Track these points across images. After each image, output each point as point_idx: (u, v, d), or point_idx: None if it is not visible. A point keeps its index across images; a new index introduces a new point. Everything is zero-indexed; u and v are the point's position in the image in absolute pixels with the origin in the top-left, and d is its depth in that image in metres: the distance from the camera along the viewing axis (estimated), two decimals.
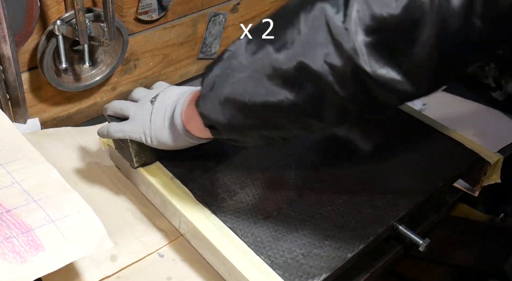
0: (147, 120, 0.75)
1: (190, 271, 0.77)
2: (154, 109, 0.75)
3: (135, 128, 0.76)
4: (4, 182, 0.71)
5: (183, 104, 0.73)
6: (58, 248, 0.64)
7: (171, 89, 0.77)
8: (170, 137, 0.75)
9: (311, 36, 0.58)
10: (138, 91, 0.82)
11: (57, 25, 0.88)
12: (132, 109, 0.78)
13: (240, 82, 0.63)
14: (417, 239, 0.77)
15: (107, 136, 0.80)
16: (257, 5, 1.21)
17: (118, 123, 0.78)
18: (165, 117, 0.74)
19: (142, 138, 0.76)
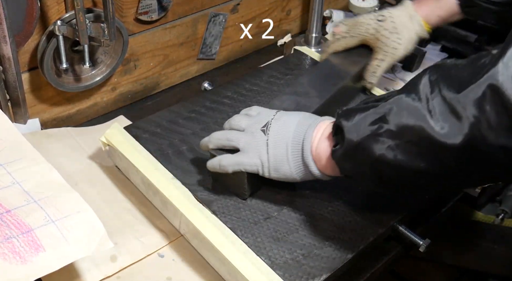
0: (264, 151, 0.72)
1: (190, 271, 0.77)
2: (270, 141, 0.72)
3: (252, 160, 0.72)
4: (4, 182, 0.71)
5: (311, 141, 0.70)
6: (58, 248, 0.64)
7: (285, 117, 0.74)
8: (296, 172, 0.72)
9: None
10: (239, 119, 0.76)
11: (57, 25, 0.88)
12: (243, 140, 0.73)
13: (391, 151, 0.61)
14: (417, 239, 0.77)
15: (220, 170, 0.74)
16: (257, 5, 1.21)
17: (232, 156, 0.74)
18: (289, 151, 0.71)
19: (259, 171, 0.73)
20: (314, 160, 0.70)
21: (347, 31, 1.00)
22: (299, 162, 0.71)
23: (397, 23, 0.97)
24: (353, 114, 0.65)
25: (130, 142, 0.86)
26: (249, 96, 0.99)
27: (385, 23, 0.97)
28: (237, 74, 1.18)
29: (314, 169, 0.71)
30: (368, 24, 0.98)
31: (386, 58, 0.97)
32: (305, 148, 0.70)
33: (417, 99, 0.60)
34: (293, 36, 1.32)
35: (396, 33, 0.96)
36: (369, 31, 0.98)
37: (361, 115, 0.64)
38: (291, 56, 1.12)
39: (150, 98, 1.13)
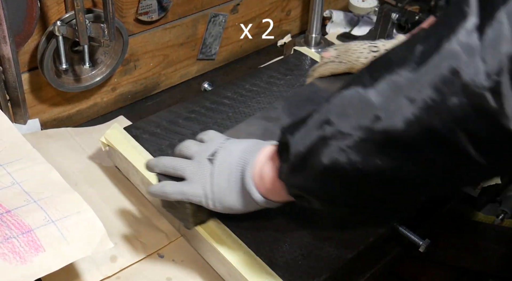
0: (208, 182, 0.67)
1: (190, 271, 0.77)
2: (215, 170, 0.67)
3: (196, 190, 0.68)
4: (4, 182, 0.71)
5: (253, 166, 0.65)
6: (58, 249, 0.64)
7: (231, 146, 0.69)
8: (239, 202, 0.67)
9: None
10: (189, 145, 0.72)
11: (57, 26, 0.88)
12: (189, 169, 0.69)
13: (343, 153, 0.54)
14: (417, 239, 0.77)
15: (162, 196, 0.71)
16: (257, 5, 1.21)
17: (175, 184, 0.69)
18: (231, 180, 0.66)
19: (203, 202, 0.68)
20: (257, 186, 0.65)
21: (337, 56, 0.95)
22: (239, 189, 0.66)
23: None
24: (297, 126, 0.59)
25: (130, 142, 0.86)
26: (249, 97, 0.99)
27: (378, 54, 0.91)
28: (237, 74, 1.18)
29: (257, 195, 0.65)
30: (360, 52, 0.93)
31: None
32: (246, 173, 0.65)
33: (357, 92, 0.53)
34: (293, 36, 1.32)
35: None
36: (360, 59, 0.93)
37: (305, 124, 0.58)
38: (291, 56, 1.12)
39: (150, 98, 1.13)
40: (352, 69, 0.94)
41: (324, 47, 1.24)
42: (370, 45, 0.94)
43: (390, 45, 0.90)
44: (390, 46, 0.89)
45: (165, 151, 0.86)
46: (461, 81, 0.47)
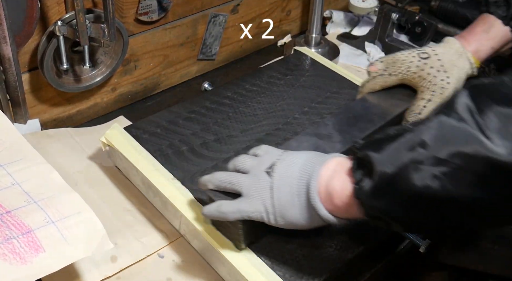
0: (268, 196, 0.64)
1: (190, 272, 0.77)
2: (275, 183, 0.64)
3: (255, 206, 0.65)
4: (4, 183, 0.71)
5: (318, 180, 0.62)
6: (58, 249, 0.64)
7: (290, 157, 0.66)
8: (303, 217, 0.64)
9: None
10: (244, 160, 0.69)
11: (57, 26, 0.88)
12: (245, 184, 0.66)
13: (436, 180, 0.52)
14: (417, 240, 0.77)
15: (220, 218, 0.68)
16: (257, 6, 1.21)
17: (232, 202, 0.66)
18: (293, 194, 0.63)
19: (264, 218, 0.65)
20: (323, 201, 0.62)
21: (385, 68, 0.90)
22: (305, 205, 0.63)
23: (444, 61, 0.87)
24: (382, 143, 0.56)
25: (130, 142, 0.86)
26: (249, 97, 0.99)
27: (430, 60, 0.87)
28: (237, 74, 1.18)
29: (324, 212, 0.62)
30: (410, 61, 0.87)
31: (433, 99, 0.85)
32: (311, 189, 0.62)
33: (460, 120, 0.52)
34: (293, 36, 1.32)
35: (444, 71, 0.86)
36: (411, 69, 0.87)
37: (393, 143, 0.56)
38: (291, 56, 1.12)
39: (150, 98, 1.13)
40: (403, 80, 0.89)
41: (324, 47, 1.24)
42: (419, 52, 0.89)
43: (441, 50, 0.88)
44: (441, 52, 0.86)
45: (165, 151, 0.86)
46: None
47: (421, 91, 0.87)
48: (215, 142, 0.89)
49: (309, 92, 1.01)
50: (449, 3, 1.30)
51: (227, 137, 0.90)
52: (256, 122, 0.94)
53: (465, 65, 0.87)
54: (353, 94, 1.00)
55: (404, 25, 1.27)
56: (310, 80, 1.04)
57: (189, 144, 0.88)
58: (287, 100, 0.99)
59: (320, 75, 1.06)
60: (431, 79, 0.86)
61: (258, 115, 0.95)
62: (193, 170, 0.83)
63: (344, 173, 0.61)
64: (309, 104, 0.98)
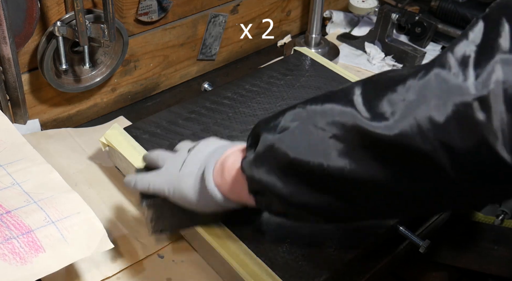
0: (177, 170, 0.64)
1: (190, 272, 0.77)
2: (187, 158, 0.65)
3: (161, 178, 0.65)
4: (4, 183, 0.71)
5: (218, 158, 0.62)
6: (58, 249, 0.64)
7: (212, 139, 0.68)
8: (194, 192, 0.63)
9: (419, 103, 0.45)
10: (182, 143, 0.72)
11: (57, 26, 0.88)
12: (167, 159, 0.67)
13: (314, 147, 0.50)
14: (417, 240, 0.77)
15: (133, 187, 0.69)
16: (257, 6, 1.21)
17: (145, 174, 0.68)
18: (195, 168, 0.63)
19: (166, 191, 0.65)
20: (214, 175, 0.61)
21: None
22: (198, 177, 0.62)
23: None
24: (272, 119, 0.56)
25: (130, 142, 0.86)
26: (249, 97, 0.99)
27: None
28: (237, 75, 1.18)
29: (211, 184, 0.61)
30: None
31: None
32: (209, 162, 0.61)
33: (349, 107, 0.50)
34: (293, 37, 1.32)
35: None
36: None
37: (284, 115, 0.54)
38: (291, 56, 1.12)
39: (150, 99, 1.13)
40: None
41: (324, 48, 1.24)
42: None
43: None
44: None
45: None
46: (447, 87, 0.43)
47: None
48: None
49: (309, 93, 1.01)
50: (449, 3, 1.30)
51: (227, 137, 0.90)
52: (256, 122, 0.93)
53: None
54: None
55: (404, 26, 1.27)
56: (310, 80, 1.04)
57: None
58: (287, 101, 0.99)
59: (320, 76, 1.06)
60: None
61: (258, 115, 0.95)
62: None
63: (240, 151, 0.61)
64: None
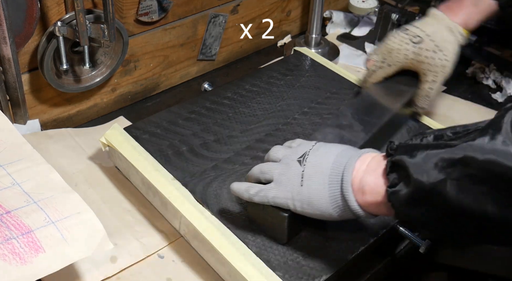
0: (297, 183, 0.65)
1: (190, 272, 0.77)
2: (306, 172, 0.65)
3: (281, 193, 0.66)
4: (4, 183, 0.71)
5: (351, 173, 0.62)
6: (58, 249, 0.64)
7: (323, 148, 0.67)
8: (332, 207, 0.64)
9: None
10: (277, 150, 0.71)
11: (57, 26, 0.88)
12: (276, 171, 0.67)
13: (472, 195, 0.52)
14: (417, 240, 0.77)
15: (247, 198, 0.69)
16: (257, 6, 1.21)
17: (262, 186, 0.68)
18: (325, 183, 0.63)
19: (290, 205, 0.66)
20: (355, 195, 0.62)
21: (383, 60, 0.93)
22: (336, 194, 0.63)
23: (438, 40, 0.90)
24: (416, 150, 0.56)
25: (130, 142, 0.86)
26: (249, 97, 0.99)
27: (424, 43, 0.90)
28: (237, 75, 1.18)
29: (355, 204, 0.62)
30: (406, 49, 0.91)
31: (437, 79, 0.91)
32: (345, 179, 0.62)
33: (506, 143, 0.51)
34: (293, 37, 1.32)
35: (440, 50, 0.90)
36: (408, 56, 0.91)
37: (428, 152, 0.55)
38: (291, 57, 1.12)
39: (150, 99, 1.13)
40: (404, 67, 0.93)
41: (324, 48, 1.24)
42: (410, 37, 0.91)
43: (431, 29, 0.90)
44: (431, 31, 0.89)
45: (165, 151, 0.86)
46: None
47: (424, 74, 0.91)
48: (215, 142, 0.89)
49: (309, 93, 1.01)
50: None
51: (227, 137, 0.90)
52: (256, 122, 0.94)
53: (457, 38, 0.91)
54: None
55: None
56: (310, 80, 1.04)
57: (189, 144, 0.88)
58: (287, 101, 0.99)
59: (320, 76, 1.06)
60: (429, 61, 0.90)
61: (258, 115, 0.95)
62: (193, 170, 0.83)
63: (379, 171, 0.61)
64: (309, 104, 0.98)
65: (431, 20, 0.93)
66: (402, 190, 0.57)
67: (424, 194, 0.55)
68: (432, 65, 0.90)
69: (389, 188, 0.58)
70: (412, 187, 0.55)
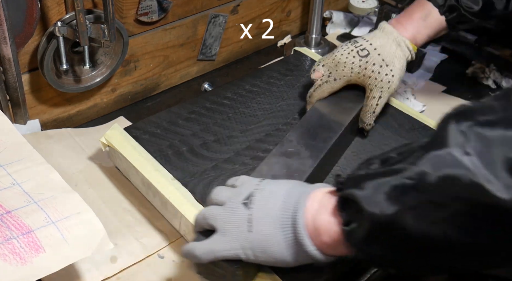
0: (244, 230, 0.59)
1: (190, 272, 0.77)
2: (254, 216, 0.59)
3: (228, 244, 0.60)
4: (4, 183, 0.71)
5: (303, 212, 0.58)
6: (58, 250, 0.64)
7: (270, 187, 0.62)
8: (288, 252, 0.59)
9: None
10: (219, 192, 0.65)
11: (57, 26, 0.88)
12: (220, 218, 0.61)
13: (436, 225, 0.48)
14: None
15: (196, 260, 0.63)
16: (257, 6, 1.21)
17: (204, 242, 0.62)
18: (277, 227, 0.58)
19: (241, 255, 0.60)
20: (311, 237, 0.57)
21: (329, 74, 0.89)
22: (290, 239, 0.58)
23: (385, 54, 0.87)
24: (364, 181, 0.53)
25: (130, 142, 0.86)
26: (249, 97, 0.99)
27: (371, 57, 0.86)
28: (237, 75, 1.18)
29: (311, 248, 0.57)
30: (352, 62, 0.87)
31: (383, 95, 0.87)
32: (298, 222, 0.57)
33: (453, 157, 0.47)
34: (293, 37, 1.32)
35: (387, 65, 0.86)
36: (354, 70, 0.87)
37: (378, 182, 0.52)
38: (291, 57, 1.12)
39: (150, 99, 1.13)
40: (349, 82, 0.90)
41: (324, 48, 1.24)
42: (357, 50, 0.87)
43: (379, 42, 0.87)
44: (379, 44, 0.86)
45: (165, 151, 0.86)
46: None
47: (370, 90, 0.87)
48: (215, 142, 0.89)
49: None
50: None
51: (227, 138, 0.90)
52: (256, 122, 0.94)
53: (405, 53, 0.88)
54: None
55: None
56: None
57: (189, 144, 0.88)
58: (287, 101, 0.99)
59: None
60: (376, 76, 0.86)
61: (258, 115, 0.95)
62: (193, 170, 0.83)
63: (331, 209, 0.57)
64: None
65: (379, 33, 0.89)
66: (358, 227, 0.53)
67: (382, 228, 0.51)
68: (378, 80, 0.86)
69: (344, 226, 0.55)
70: (368, 222, 0.51)
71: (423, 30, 0.90)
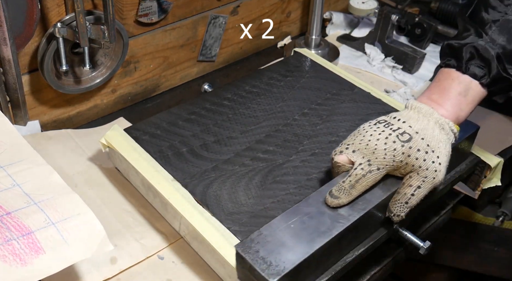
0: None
1: (190, 273, 0.77)
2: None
3: None
4: (4, 184, 0.71)
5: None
6: (58, 251, 0.64)
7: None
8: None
9: None
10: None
11: (57, 27, 0.88)
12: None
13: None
14: (418, 242, 0.77)
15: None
16: (257, 7, 1.21)
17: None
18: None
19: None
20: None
21: (368, 162, 0.73)
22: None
23: (429, 138, 0.73)
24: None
25: (130, 143, 0.86)
26: (249, 98, 0.99)
27: (414, 142, 0.72)
28: (237, 76, 1.19)
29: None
30: (394, 149, 0.72)
31: (424, 185, 0.72)
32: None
33: None
34: (293, 38, 1.32)
35: (432, 151, 0.72)
36: (396, 158, 0.72)
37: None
38: (291, 58, 1.12)
39: (150, 100, 1.13)
40: (389, 172, 0.74)
41: (324, 49, 1.24)
42: (397, 134, 0.73)
43: (419, 125, 0.74)
44: (420, 128, 0.74)
45: (165, 152, 0.86)
46: None
47: (410, 177, 0.73)
48: (215, 143, 0.89)
49: (309, 94, 1.01)
50: (449, 5, 1.30)
51: (227, 138, 0.90)
52: (256, 123, 0.94)
53: (449, 137, 0.75)
54: (353, 95, 1.00)
55: (404, 27, 1.27)
56: (310, 81, 1.04)
57: (189, 145, 0.88)
58: (287, 102, 0.99)
59: (320, 77, 1.06)
60: (420, 164, 0.72)
61: (258, 116, 0.95)
62: (193, 171, 0.83)
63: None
64: (309, 105, 0.98)
65: (415, 114, 0.75)
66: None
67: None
68: (422, 169, 0.72)
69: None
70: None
71: (465, 108, 0.77)
